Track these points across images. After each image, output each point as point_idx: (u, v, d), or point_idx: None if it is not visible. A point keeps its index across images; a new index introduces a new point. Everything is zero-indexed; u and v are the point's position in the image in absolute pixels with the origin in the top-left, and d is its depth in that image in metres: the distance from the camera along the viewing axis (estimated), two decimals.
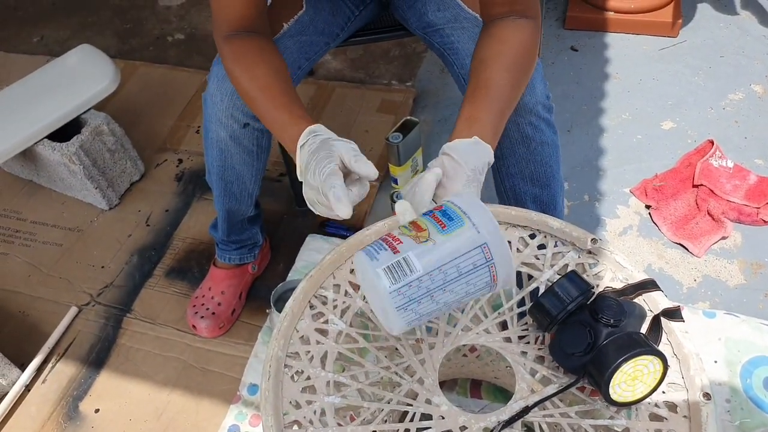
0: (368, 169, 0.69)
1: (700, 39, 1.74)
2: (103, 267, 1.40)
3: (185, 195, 1.54)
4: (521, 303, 0.78)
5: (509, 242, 0.82)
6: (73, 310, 1.30)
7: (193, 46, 1.97)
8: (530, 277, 0.81)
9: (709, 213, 1.29)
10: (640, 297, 0.74)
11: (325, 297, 0.76)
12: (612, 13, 1.76)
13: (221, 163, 1.04)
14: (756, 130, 1.49)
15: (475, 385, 1.06)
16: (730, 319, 1.08)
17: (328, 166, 0.69)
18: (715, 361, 1.04)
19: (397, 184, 1.47)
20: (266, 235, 1.34)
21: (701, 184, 1.31)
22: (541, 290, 0.78)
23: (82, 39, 2.04)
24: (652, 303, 0.73)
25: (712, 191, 1.31)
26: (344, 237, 1.35)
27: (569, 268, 0.79)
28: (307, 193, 0.74)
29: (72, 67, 1.51)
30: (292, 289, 1.09)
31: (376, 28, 1.20)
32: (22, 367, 1.20)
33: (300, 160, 0.75)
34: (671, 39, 1.74)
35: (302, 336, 0.72)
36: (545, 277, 0.79)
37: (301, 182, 0.77)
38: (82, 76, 1.48)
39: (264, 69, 0.83)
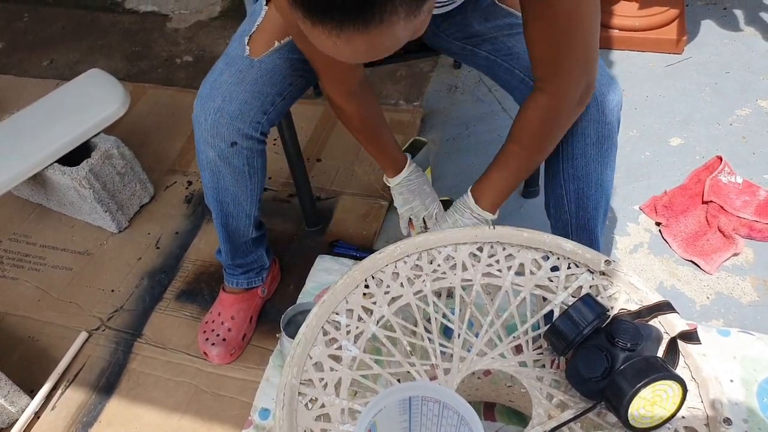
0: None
1: (706, 55, 1.74)
2: (113, 291, 1.41)
3: (194, 217, 1.54)
4: (536, 326, 0.78)
5: (522, 264, 0.82)
6: (83, 335, 1.30)
7: (201, 67, 1.98)
8: (544, 299, 0.80)
9: (719, 229, 1.28)
10: (655, 319, 0.73)
11: (338, 322, 0.76)
12: (617, 30, 1.77)
13: (214, 185, 1.04)
14: (764, 146, 1.49)
15: (488, 406, 1.05)
16: (745, 337, 1.07)
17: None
18: (731, 381, 1.03)
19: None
20: (275, 257, 1.34)
21: (711, 201, 1.31)
22: (556, 313, 0.77)
23: (91, 62, 2.06)
24: (668, 325, 0.73)
25: (722, 207, 1.30)
26: (354, 257, 1.35)
27: (583, 291, 0.79)
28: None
29: (82, 91, 1.52)
30: (302, 312, 1.10)
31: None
32: (32, 394, 1.20)
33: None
34: (677, 56, 1.74)
35: (316, 363, 0.71)
36: (559, 299, 0.78)
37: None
38: (91, 100, 1.49)
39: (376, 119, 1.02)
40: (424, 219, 1.07)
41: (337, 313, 0.77)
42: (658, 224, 1.35)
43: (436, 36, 1.09)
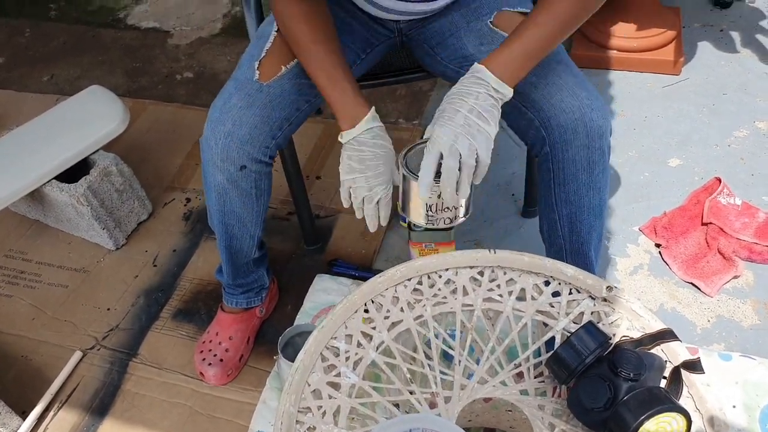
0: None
1: (703, 77, 1.75)
2: (108, 309, 1.39)
3: (193, 234, 1.53)
4: (537, 353, 0.77)
5: (523, 289, 0.81)
6: (77, 355, 1.29)
7: (201, 84, 1.99)
8: (545, 325, 0.80)
9: (719, 251, 1.28)
10: (658, 347, 0.73)
11: (337, 348, 0.75)
12: (615, 51, 1.78)
13: (221, 208, 1.04)
14: (762, 167, 1.49)
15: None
16: (747, 361, 1.06)
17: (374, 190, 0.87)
18: (734, 406, 1.02)
19: (404, 221, 1.46)
20: (273, 276, 1.33)
21: (710, 222, 1.31)
22: (558, 340, 0.77)
23: (91, 78, 2.06)
24: (671, 354, 0.72)
25: (721, 229, 1.30)
26: (353, 276, 1.34)
27: (585, 317, 0.78)
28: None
29: (82, 107, 1.52)
30: (300, 334, 1.09)
31: (391, 70, 1.21)
32: (23, 415, 1.18)
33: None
34: (674, 77, 1.75)
35: (314, 390, 0.70)
36: (561, 325, 0.78)
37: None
38: (91, 117, 1.49)
39: (329, 34, 0.92)
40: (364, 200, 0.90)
41: (335, 339, 0.76)
42: (657, 246, 1.34)
43: (432, 59, 1.09)
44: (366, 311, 0.79)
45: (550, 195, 0.97)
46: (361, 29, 1.09)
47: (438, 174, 0.79)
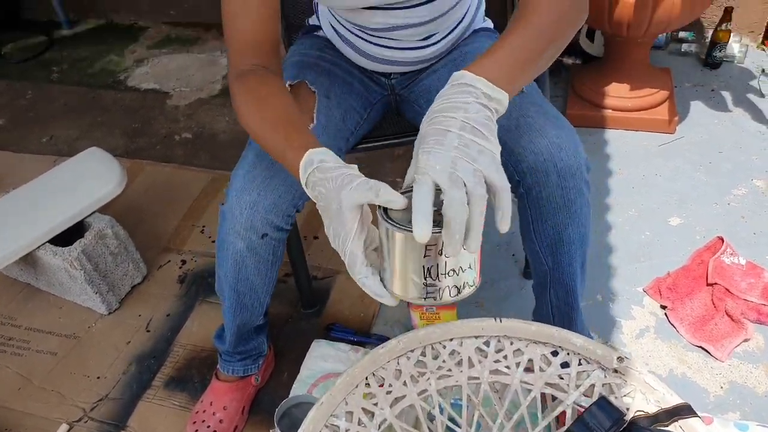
0: (394, 199, 0.61)
1: (698, 135, 1.77)
2: (98, 377, 1.34)
3: (187, 298, 1.50)
4: (548, 428, 0.73)
5: (531, 360, 0.78)
6: (63, 428, 1.23)
7: (199, 144, 2.00)
8: (554, 398, 0.76)
9: (727, 313, 1.25)
10: (675, 423, 0.69)
11: (337, 426, 0.71)
12: (610, 110, 1.80)
13: (235, 275, 1.01)
14: (764, 226, 1.48)
15: None
16: (764, 431, 1.02)
17: (349, 245, 0.64)
18: None
19: None
20: (270, 343, 1.29)
21: (716, 283, 1.29)
22: (569, 414, 0.73)
23: (90, 138, 2.07)
24: (689, 431, 0.68)
25: (727, 290, 1.28)
26: (352, 342, 1.30)
27: (596, 390, 0.75)
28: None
29: (79, 170, 1.52)
30: (297, 405, 1.05)
31: (388, 133, 1.21)
32: None
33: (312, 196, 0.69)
34: (669, 135, 1.77)
35: None
36: (571, 399, 0.74)
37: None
38: (88, 180, 1.48)
39: (277, 104, 0.80)
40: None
41: (335, 416, 0.72)
42: (663, 307, 1.32)
43: (419, 117, 1.09)
44: (367, 385, 0.76)
45: (529, 229, 0.98)
46: (360, 88, 1.11)
47: (435, 222, 0.59)
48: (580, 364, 0.77)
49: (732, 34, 1.94)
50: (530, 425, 0.74)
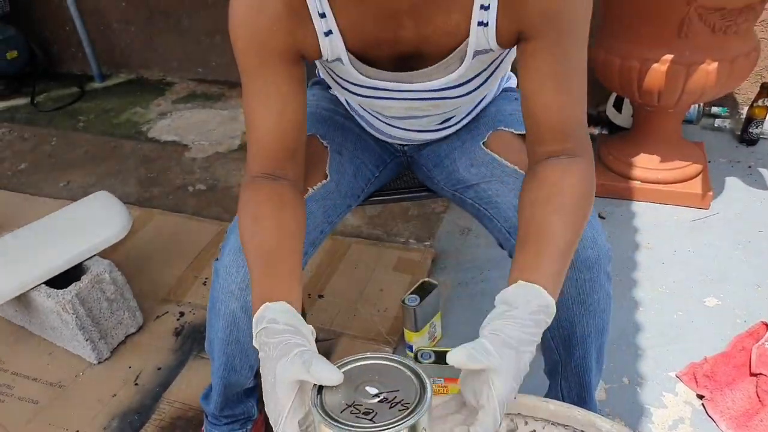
0: (325, 376, 0.56)
1: (734, 212, 1.67)
2: None
3: (181, 352, 1.41)
4: None
5: None
6: None
7: (212, 196, 1.96)
8: None
9: None
10: None
11: None
12: (639, 182, 1.72)
13: (226, 337, 0.92)
14: None
15: None
16: None
17: (280, 426, 0.59)
18: None
19: (411, 351, 1.33)
20: (261, 407, 1.18)
21: (760, 373, 1.16)
22: None
23: (105, 186, 2.06)
24: None
25: None
26: None
27: None
28: None
29: (84, 213, 1.48)
30: None
31: (398, 187, 1.15)
32: None
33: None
34: (703, 211, 1.68)
35: None
36: None
37: None
38: (92, 222, 1.44)
39: (271, 228, 0.75)
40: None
41: None
42: (700, 397, 1.18)
43: (430, 181, 1.08)
44: None
45: None
46: (374, 146, 1.07)
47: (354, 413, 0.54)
48: None
49: None
50: None
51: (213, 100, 2.60)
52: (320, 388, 0.56)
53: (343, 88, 0.88)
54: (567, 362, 0.92)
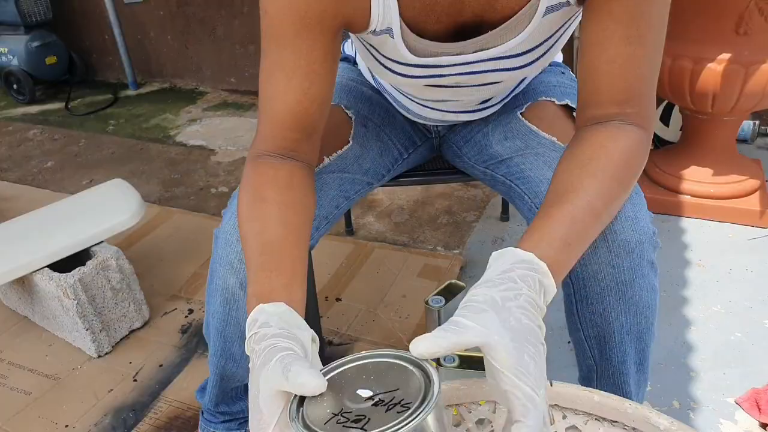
0: (305, 382, 0.46)
1: None
2: (66, 426, 1.15)
3: (186, 350, 1.31)
4: None
5: None
6: None
7: None
8: None
9: None
10: None
11: None
12: (688, 197, 1.59)
13: (224, 316, 0.82)
14: None
15: None
16: None
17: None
18: None
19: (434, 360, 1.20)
20: None
21: None
22: None
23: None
24: None
25: None
26: None
27: None
28: None
29: (97, 198, 1.42)
30: None
31: (425, 170, 1.06)
32: None
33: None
34: (762, 230, 1.53)
35: None
36: None
37: None
38: (103, 208, 1.38)
39: (274, 214, 0.64)
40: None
41: None
42: (763, 426, 1.02)
43: (460, 159, 0.97)
44: None
45: (573, 312, 0.76)
46: (404, 124, 0.98)
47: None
48: None
49: None
50: None
51: (243, 109, 2.58)
52: (302, 399, 0.46)
53: (383, 67, 0.76)
54: (602, 367, 0.79)
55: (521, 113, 0.87)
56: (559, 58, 0.99)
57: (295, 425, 0.44)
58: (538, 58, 0.73)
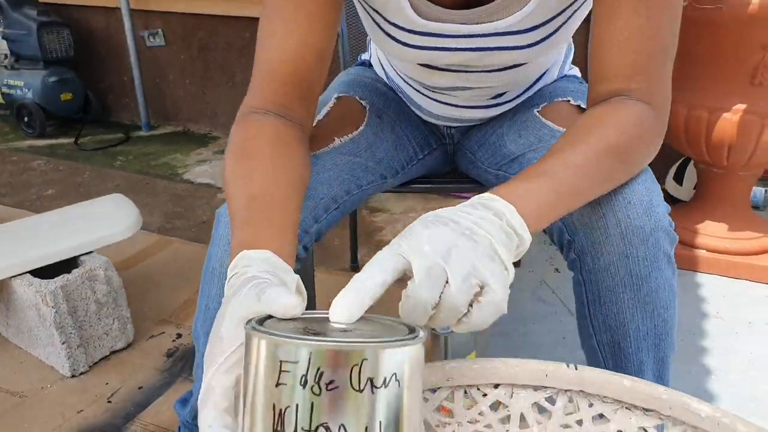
0: (279, 304, 0.40)
1: None
2: None
3: (169, 373, 1.22)
4: None
5: None
6: None
7: None
8: None
9: None
10: None
11: None
12: (704, 251, 1.53)
13: (218, 306, 0.75)
14: None
15: None
16: None
17: (210, 373, 0.43)
18: None
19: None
20: None
21: None
22: None
23: None
24: None
25: None
26: None
27: None
28: None
29: (93, 209, 1.39)
30: None
31: (439, 177, 1.03)
32: None
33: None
34: None
35: None
36: None
37: None
38: (97, 219, 1.34)
39: (262, 168, 0.59)
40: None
41: None
42: None
43: (474, 166, 0.94)
44: None
45: (585, 316, 0.70)
46: (420, 124, 0.95)
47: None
48: None
49: None
50: None
51: None
52: (268, 318, 0.40)
53: (385, 34, 0.76)
54: None
55: (537, 111, 0.85)
56: (576, 71, 0.97)
57: (247, 327, 0.38)
58: (545, 38, 0.72)
